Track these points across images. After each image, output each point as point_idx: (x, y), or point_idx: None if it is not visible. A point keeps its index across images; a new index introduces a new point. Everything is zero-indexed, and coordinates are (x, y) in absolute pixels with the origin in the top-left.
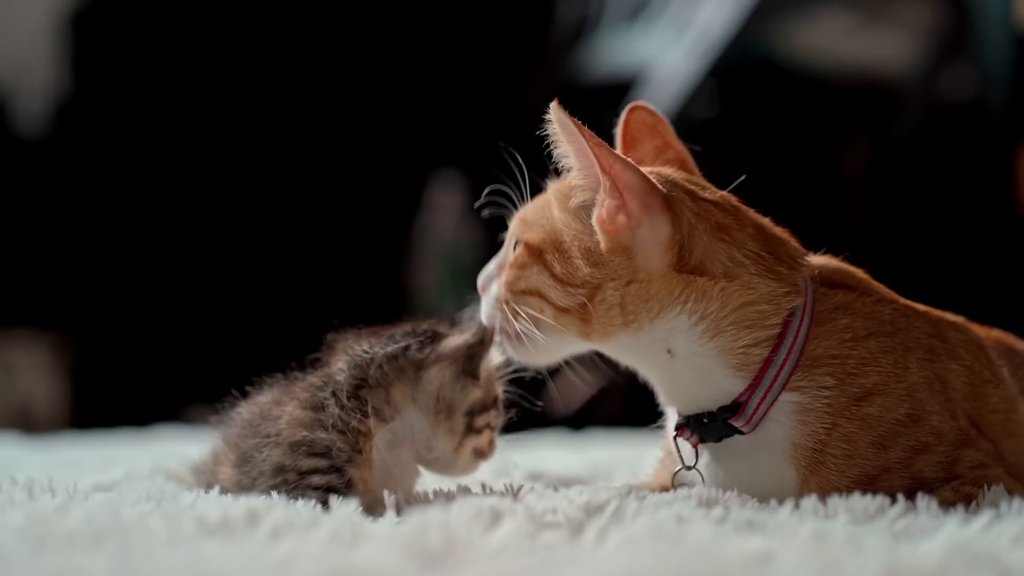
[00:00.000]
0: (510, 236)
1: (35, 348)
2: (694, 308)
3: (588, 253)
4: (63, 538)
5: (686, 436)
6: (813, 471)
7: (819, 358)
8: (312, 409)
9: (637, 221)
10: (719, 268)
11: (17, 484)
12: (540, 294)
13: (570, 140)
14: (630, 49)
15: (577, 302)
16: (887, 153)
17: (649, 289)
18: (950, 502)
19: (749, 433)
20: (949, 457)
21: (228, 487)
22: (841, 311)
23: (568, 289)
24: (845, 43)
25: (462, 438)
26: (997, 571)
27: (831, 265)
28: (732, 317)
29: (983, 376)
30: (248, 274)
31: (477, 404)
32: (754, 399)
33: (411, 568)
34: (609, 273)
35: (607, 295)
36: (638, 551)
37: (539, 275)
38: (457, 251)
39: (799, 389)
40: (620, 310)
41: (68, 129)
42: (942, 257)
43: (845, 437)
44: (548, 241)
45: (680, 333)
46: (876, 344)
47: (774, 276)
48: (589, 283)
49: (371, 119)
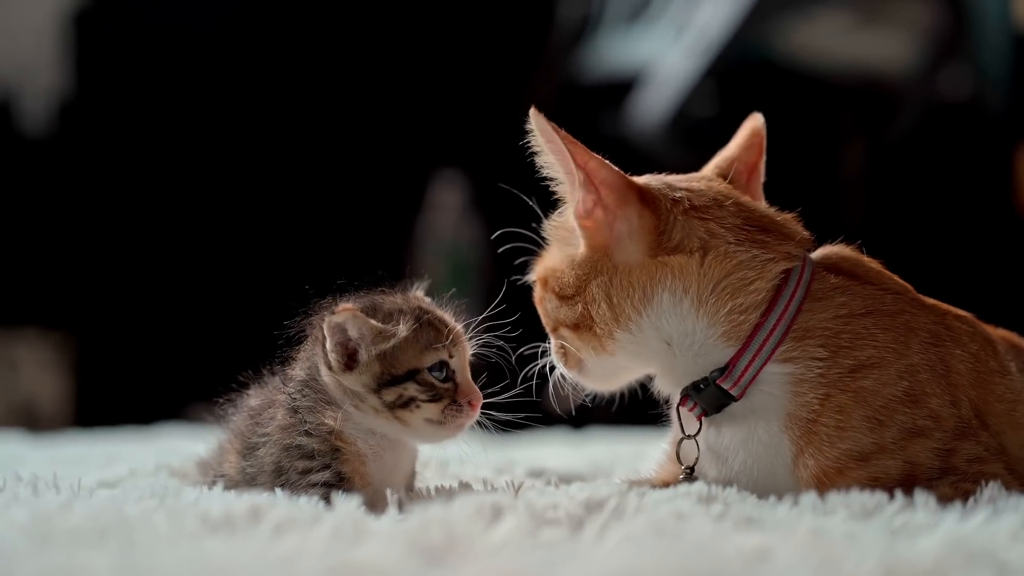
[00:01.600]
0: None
1: (39, 346)
2: (674, 286)
3: (571, 260)
4: (67, 535)
5: (688, 407)
6: (807, 441)
7: (811, 329)
8: (291, 412)
9: (613, 214)
10: (695, 244)
11: (21, 481)
12: (560, 322)
13: (548, 143)
14: (630, 49)
15: (579, 312)
16: (885, 152)
17: (630, 278)
18: (948, 498)
19: (739, 398)
20: (947, 446)
21: (234, 475)
22: (839, 291)
23: (568, 303)
24: (843, 43)
25: (394, 412)
26: (994, 567)
27: (842, 253)
28: (713, 287)
29: (989, 365)
30: (251, 273)
31: (374, 380)
32: (741, 362)
33: (413, 565)
34: (592, 271)
35: (593, 292)
36: (638, 548)
37: (550, 303)
38: (458, 250)
39: (791, 360)
40: (608, 305)
41: (72, 128)
42: (940, 256)
43: (838, 408)
44: (547, 268)
45: (668, 315)
46: (873, 321)
47: (757, 244)
48: (578, 287)
49: (373, 118)
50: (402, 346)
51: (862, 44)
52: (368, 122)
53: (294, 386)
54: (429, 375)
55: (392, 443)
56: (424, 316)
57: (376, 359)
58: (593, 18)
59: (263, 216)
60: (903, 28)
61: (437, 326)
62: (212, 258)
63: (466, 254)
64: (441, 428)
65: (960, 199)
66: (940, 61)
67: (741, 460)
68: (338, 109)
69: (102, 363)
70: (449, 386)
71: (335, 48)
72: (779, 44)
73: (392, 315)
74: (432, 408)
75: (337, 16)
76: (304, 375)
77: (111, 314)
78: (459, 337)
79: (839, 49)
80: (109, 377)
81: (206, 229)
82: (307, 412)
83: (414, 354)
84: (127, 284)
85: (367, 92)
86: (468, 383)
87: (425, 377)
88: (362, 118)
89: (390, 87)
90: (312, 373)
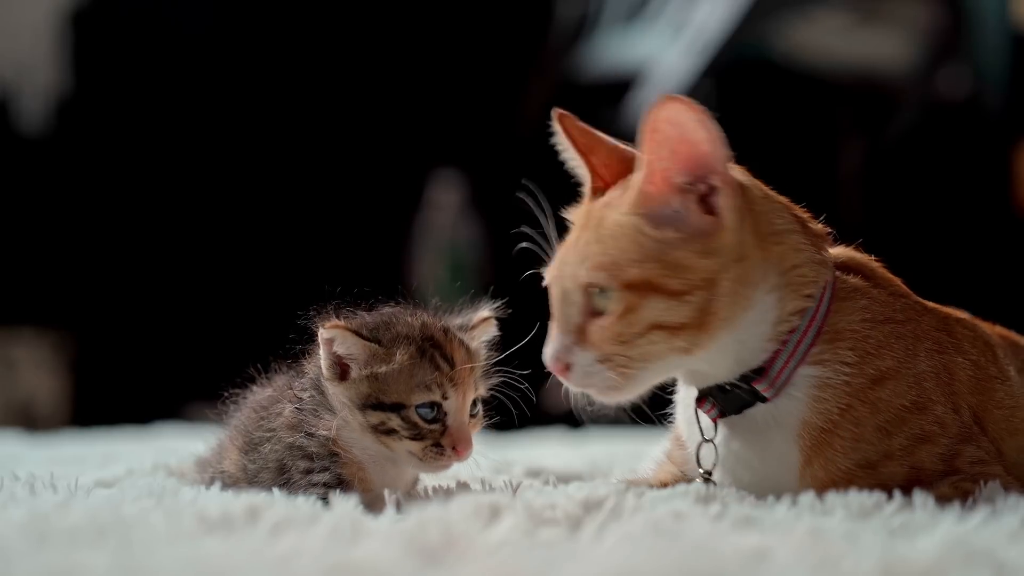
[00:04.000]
0: (575, 295)
1: (37, 345)
2: (767, 281)
3: (699, 248)
4: (64, 534)
5: (706, 408)
6: (818, 452)
7: (841, 332)
8: (298, 410)
9: (728, 194)
10: (774, 229)
11: (19, 481)
12: (658, 325)
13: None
14: (628, 48)
15: (696, 307)
16: (884, 152)
17: (747, 269)
18: (948, 498)
19: (771, 399)
20: (951, 450)
21: (234, 472)
22: (860, 294)
23: (687, 298)
24: (842, 42)
25: (377, 435)
26: (993, 567)
27: (850, 254)
28: (785, 281)
29: (989, 372)
30: (249, 272)
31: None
32: (778, 362)
33: (411, 564)
34: (722, 259)
35: (722, 286)
36: (636, 547)
37: (653, 306)
38: (457, 249)
39: (821, 362)
40: (731, 300)
41: (70, 127)
42: (939, 255)
43: (855, 420)
44: (652, 266)
45: (761, 311)
46: (891, 329)
47: (812, 244)
48: (707, 278)
49: (371, 117)
50: (394, 375)
51: (860, 43)
52: (366, 121)
53: (303, 383)
54: (415, 413)
55: (390, 454)
56: (429, 350)
57: (366, 379)
58: (591, 17)
59: (262, 215)
60: (901, 27)
61: (438, 363)
62: (210, 257)
63: (464, 253)
64: (420, 463)
65: (958, 198)
66: (938, 60)
67: (749, 465)
68: (336, 108)
69: (100, 362)
70: (436, 428)
71: (333, 47)
72: (777, 43)
73: (398, 339)
74: (413, 444)
75: (335, 15)
76: (314, 374)
77: (109, 313)
78: (461, 379)
79: (837, 48)
80: (106, 376)
81: (204, 228)
82: (310, 413)
83: (404, 388)
84: (125, 283)
85: (365, 91)
86: (460, 428)
87: (410, 415)
88: (360, 117)
89: (388, 86)
90: (319, 374)
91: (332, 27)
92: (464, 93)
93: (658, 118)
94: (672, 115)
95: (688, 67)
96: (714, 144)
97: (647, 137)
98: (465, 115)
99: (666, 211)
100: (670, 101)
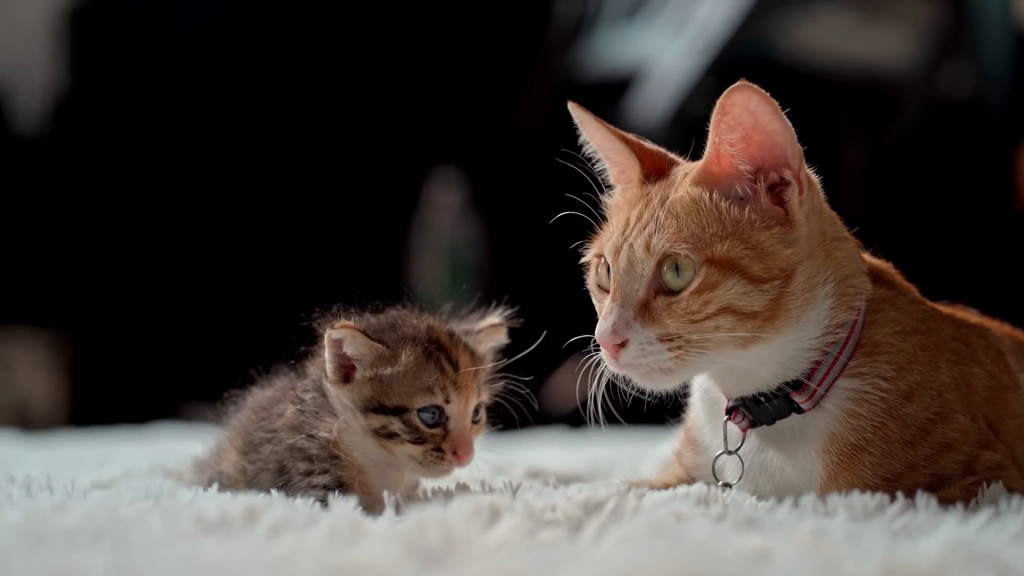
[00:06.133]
0: (644, 266)
1: (33, 346)
2: (825, 282)
3: (780, 235)
4: (61, 536)
5: (737, 420)
6: (845, 467)
7: (879, 344)
8: (300, 413)
9: (804, 189)
10: (836, 235)
11: (15, 482)
12: (731, 309)
13: (766, 123)
14: (629, 46)
15: (771, 298)
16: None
17: (815, 265)
18: (956, 500)
19: (808, 411)
20: (971, 456)
21: (232, 473)
22: (888, 304)
23: (765, 286)
24: (844, 40)
25: (379, 439)
26: (996, 568)
27: (870, 261)
28: (840, 289)
29: (1002, 381)
30: (246, 271)
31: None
32: (818, 374)
33: (410, 565)
34: (799, 253)
35: (797, 280)
36: (637, 549)
37: (734, 287)
38: (456, 247)
39: (859, 375)
40: (803, 291)
41: (66, 126)
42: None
43: (886, 437)
44: (739, 245)
45: (820, 312)
46: (917, 341)
47: (860, 255)
48: (786, 269)
49: (370, 116)
50: (399, 378)
51: (863, 42)
52: (365, 120)
53: (306, 384)
54: (417, 417)
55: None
56: (434, 353)
57: (369, 381)
58: (591, 15)
59: (260, 215)
60: (904, 26)
61: (443, 366)
62: (207, 257)
63: (464, 252)
64: (421, 467)
65: (961, 197)
66: (941, 59)
67: (771, 477)
68: (335, 107)
69: (96, 363)
70: (438, 431)
71: (332, 46)
72: (780, 41)
73: (403, 341)
74: (414, 448)
75: (334, 14)
76: (316, 376)
77: (105, 313)
78: (464, 384)
79: (840, 47)
80: (103, 377)
81: (201, 228)
82: (312, 415)
83: (408, 391)
84: (121, 283)
85: (364, 90)
86: (462, 433)
87: (411, 418)
88: (359, 116)
89: (387, 84)
90: (322, 375)
91: (331, 26)
92: (464, 91)
93: (733, 103)
94: (748, 102)
95: (689, 65)
96: (789, 137)
97: (717, 119)
98: (465, 113)
99: (733, 193)
100: (746, 87)
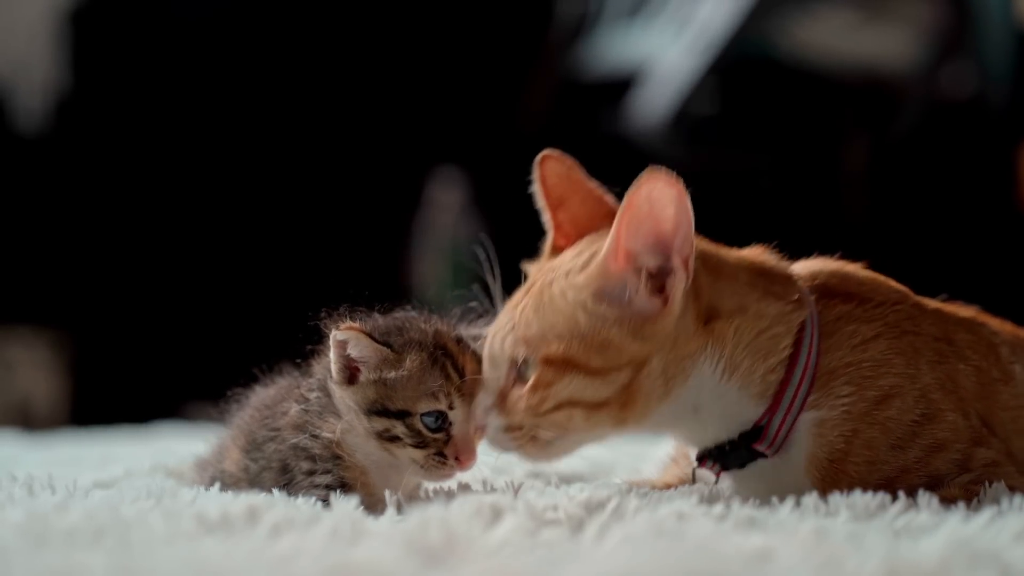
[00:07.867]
0: (501, 361)
1: (34, 345)
2: (713, 353)
3: (634, 330)
4: (63, 535)
5: (708, 466)
6: (832, 482)
7: (834, 370)
8: (304, 412)
9: (682, 279)
10: (730, 304)
11: (17, 481)
12: (572, 402)
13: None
14: (630, 46)
15: (618, 387)
16: (888, 150)
17: (685, 348)
18: (955, 499)
19: (772, 457)
20: (965, 455)
21: (235, 472)
22: (844, 320)
23: (609, 377)
24: (846, 40)
25: (381, 441)
26: (998, 568)
27: (827, 269)
28: (748, 349)
29: (992, 375)
30: (248, 270)
31: (366, 405)
32: (775, 421)
33: (411, 565)
34: (656, 343)
35: (653, 367)
36: (638, 548)
37: (571, 383)
38: (457, 248)
39: (817, 406)
40: (663, 380)
41: (67, 126)
42: (942, 254)
43: (867, 443)
44: (577, 343)
45: (705, 384)
46: (886, 344)
47: (775, 296)
48: (635, 360)
49: (371, 115)
50: (403, 381)
51: (865, 41)
52: (366, 119)
53: (311, 383)
54: (419, 422)
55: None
56: (441, 358)
57: (373, 384)
58: (592, 14)
59: (261, 214)
60: (906, 25)
61: (448, 372)
62: (209, 256)
63: (465, 252)
64: (422, 471)
65: (963, 197)
66: (943, 58)
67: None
68: (336, 106)
69: (98, 362)
70: (440, 437)
71: (333, 45)
72: (781, 41)
73: (409, 345)
74: (416, 452)
75: (335, 13)
76: (321, 375)
77: (107, 313)
78: (469, 391)
79: (841, 46)
80: (104, 376)
81: (202, 227)
82: (315, 415)
83: (412, 395)
84: (123, 282)
85: (365, 89)
86: (465, 440)
87: (414, 423)
88: (360, 115)
89: (388, 84)
90: (327, 375)
91: (332, 24)
92: (465, 90)
93: (638, 194)
94: (651, 191)
95: (691, 65)
96: (679, 224)
97: (622, 213)
98: (466, 113)
99: (618, 290)
100: (653, 177)
